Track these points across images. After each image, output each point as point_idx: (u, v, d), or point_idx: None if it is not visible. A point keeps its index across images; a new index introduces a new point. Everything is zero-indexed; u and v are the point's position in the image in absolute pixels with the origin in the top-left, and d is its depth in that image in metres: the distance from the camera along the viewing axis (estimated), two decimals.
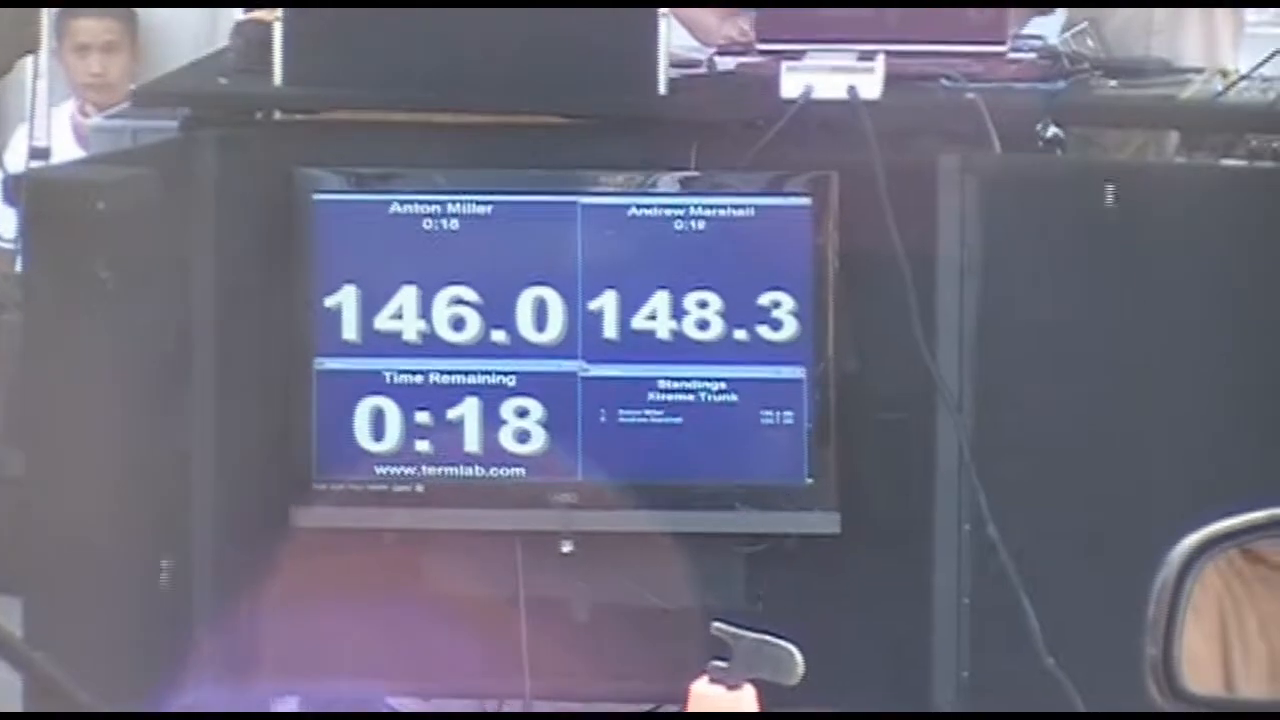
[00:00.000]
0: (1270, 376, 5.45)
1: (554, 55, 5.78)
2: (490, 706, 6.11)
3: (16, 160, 6.82)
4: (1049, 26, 6.64)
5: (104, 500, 5.45)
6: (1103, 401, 5.57)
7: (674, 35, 5.89)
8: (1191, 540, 2.68)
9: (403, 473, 5.69)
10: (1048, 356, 5.69)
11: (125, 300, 5.56)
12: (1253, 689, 3.29)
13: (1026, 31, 6.42)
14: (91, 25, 7.64)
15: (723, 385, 5.62)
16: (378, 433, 5.68)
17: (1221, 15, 6.68)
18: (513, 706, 6.02)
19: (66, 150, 7.01)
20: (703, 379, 5.64)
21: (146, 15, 7.59)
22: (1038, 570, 5.40)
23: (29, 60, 6.60)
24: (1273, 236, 5.53)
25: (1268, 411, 5.42)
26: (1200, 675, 2.85)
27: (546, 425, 5.68)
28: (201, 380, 5.85)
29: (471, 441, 5.63)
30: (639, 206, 5.69)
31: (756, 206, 5.72)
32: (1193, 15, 6.62)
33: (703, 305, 5.60)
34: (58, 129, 7.10)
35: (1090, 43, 6.38)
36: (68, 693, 2.54)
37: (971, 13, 6.06)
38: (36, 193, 5.77)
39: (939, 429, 5.67)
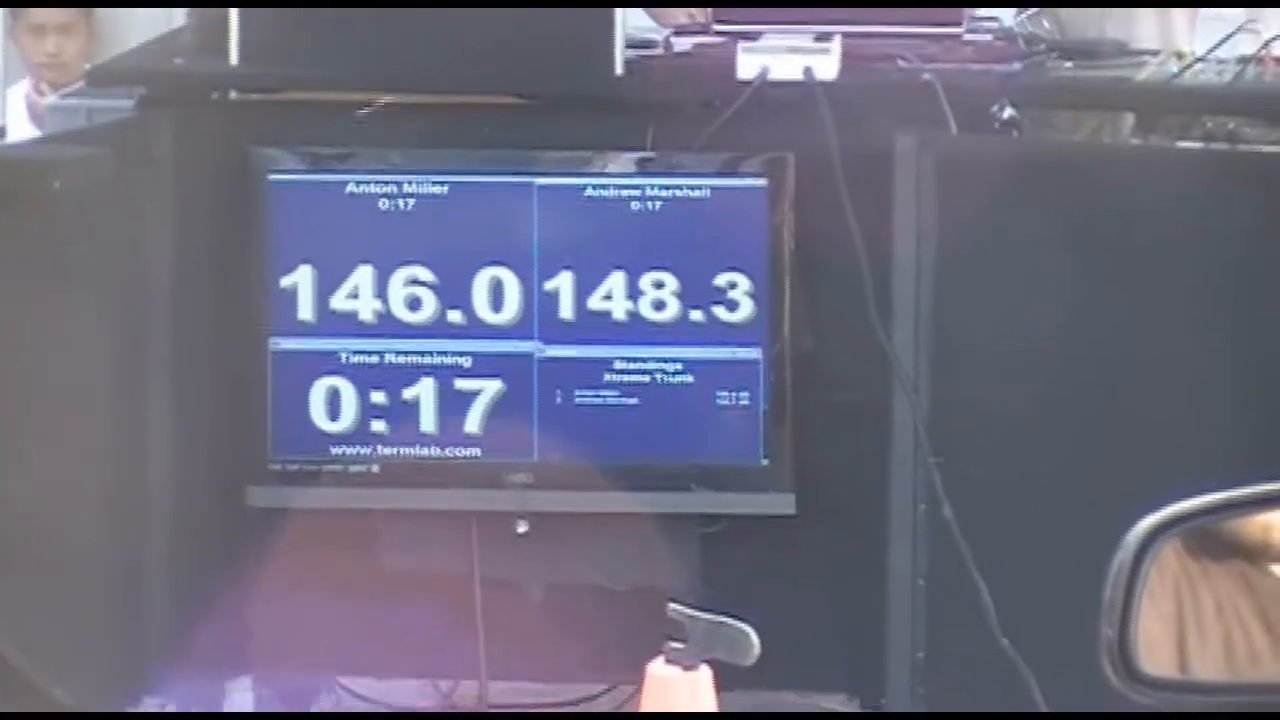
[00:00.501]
0: (1226, 358, 5.33)
1: (510, 35, 5.68)
2: (445, 686, 5.90)
3: None
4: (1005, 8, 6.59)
5: (59, 481, 5.30)
6: (1059, 382, 5.46)
7: (631, 16, 5.86)
8: (1148, 522, 2.55)
9: (358, 453, 5.57)
10: (1004, 337, 5.60)
11: (81, 280, 5.40)
12: (1207, 671, 3.25)
13: (983, 13, 6.22)
14: (47, 13, 7.62)
15: (679, 366, 5.55)
16: (333, 413, 5.57)
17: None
18: (469, 687, 5.84)
19: (21, 130, 6.91)
20: (659, 360, 5.56)
21: None
22: (993, 551, 5.29)
23: None
24: (1227, 218, 5.43)
25: (1222, 393, 5.29)
26: (1155, 657, 2.64)
27: (502, 405, 5.58)
28: (157, 360, 5.74)
29: (427, 422, 5.54)
30: (595, 187, 5.61)
31: (712, 188, 5.63)
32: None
33: (659, 286, 5.51)
34: (12, 108, 6.99)
35: (1046, 24, 6.39)
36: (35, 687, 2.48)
37: None
38: (7, 168, 5.71)
39: (895, 410, 5.56)
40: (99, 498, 5.67)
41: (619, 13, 5.71)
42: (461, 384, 5.56)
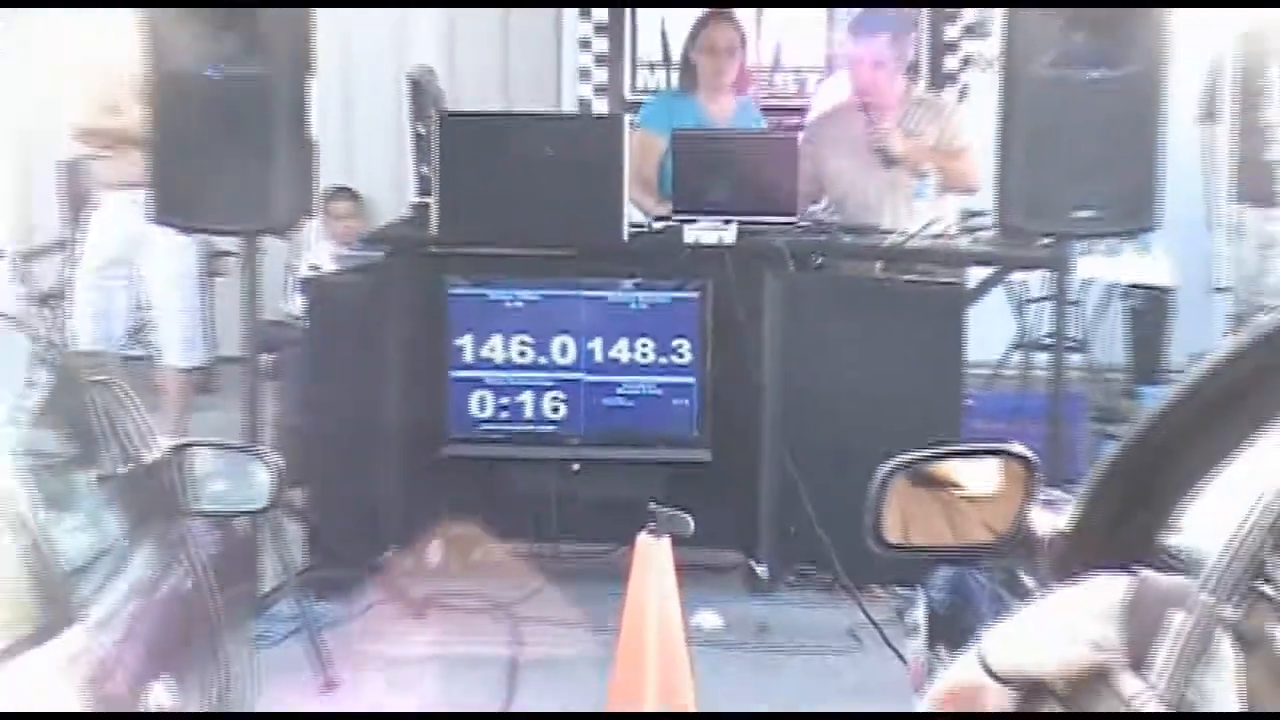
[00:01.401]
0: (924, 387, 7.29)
1: (569, 220, 7.60)
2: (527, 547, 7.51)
3: (304, 270, 8.45)
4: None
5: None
6: (843, 395, 7.39)
7: (632, 213, 7.81)
8: (889, 464, 3.51)
9: (492, 430, 7.64)
10: (819, 368, 7.54)
11: (374, 335, 7.59)
12: (920, 541, 3.57)
13: (814, 207, 8.23)
14: (341, 208, 9.78)
15: (654, 385, 7.60)
16: (480, 408, 7.61)
17: (903, 200, 8.17)
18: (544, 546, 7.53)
19: (328, 266, 8.80)
20: (644, 383, 7.61)
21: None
22: (815, 477, 7.28)
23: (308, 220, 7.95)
24: (919, 309, 7.58)
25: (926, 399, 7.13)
26: (896, 533, 3.51)
27: (565, 405, 7.60)
28: (395, 378, 7.67)
29: (529, 413, 7.62)
30: (611, 297, 7.61)
31: (671, 297, 7.60)
32: (886, 204, 8.18)
33: (644, 345, 7.59)
34: (323, 256, 8.97)
35: (837, 216, 8.21)
36: None
37: (781, 199, 7.75)
38: (316, 286, 8.03)
39: (763, 407, 7.59)
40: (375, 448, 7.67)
41: (626, 209, 7.52)
42: (545, 394, 7.61)
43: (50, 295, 8.81)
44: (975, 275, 8.34)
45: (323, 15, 7.85)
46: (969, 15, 10.80)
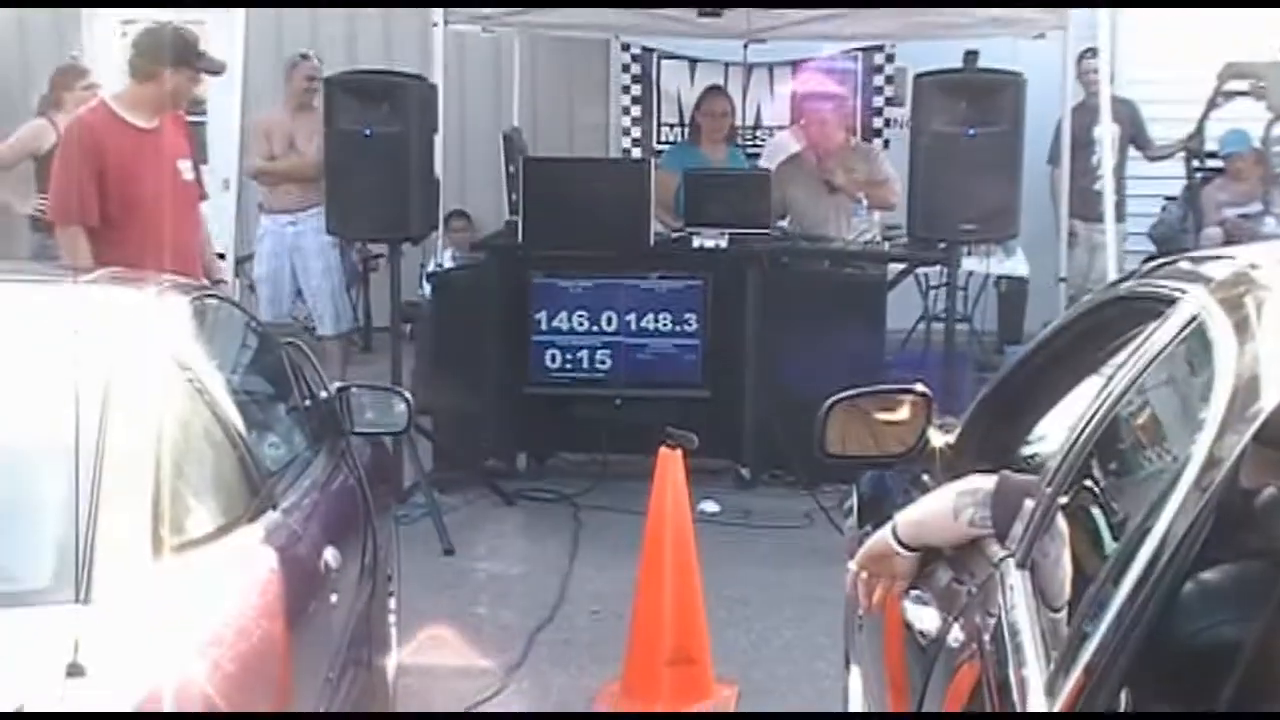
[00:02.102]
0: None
1: (613, 231, 7.58)
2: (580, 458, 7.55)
3: (431, 267, 8.31)
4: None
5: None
6: (806, 351, 7.15)
7: (656, 227, 7.75)
8: (831, 399, 3.52)
9: (561, 376, 7.69)
10: (785, 334, 7.42)
11: (480, 308, 7.58)
12: (854, 452, 3.54)
13: (781, 223, 8.18)
14: (457, 224, 9.76)
15: (671, 345, 7.66)
16: (553, 361, 7.67)
17: (844, 217, 8.14)
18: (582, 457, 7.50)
19: (448, 264, 8.70)
20: (664, 344, 7.66)
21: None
22: (785, 411, 7.09)
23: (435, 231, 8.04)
24: (853, 293, 7.63)
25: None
26: (837, 447, 3.50)
27: (611, 359, 7.66)
28: (495, 346, 7.68)
29: (585, 365, 7.67)
30: (643, 285, 7.67)
31: (684, 285, 7.65)
32: (831, 220, 8.12)
33: (665, 318, 7.67)
34: (444, 257, 8.85)
35: (797, 229, 8.19)
36: None
37: (759, 216, 7.72)
38: (440, 278, 8.00)
39: (747, 361, 7.58)
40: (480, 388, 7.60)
41: (652, 224, 7.54)
42: (597, 352, 7.68)
43: (252, 285, 8.77)
44: (893, 269, 8.30)
45: (445, 90, 7.98)
46: (889, 90, 10.73)
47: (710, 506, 7.14)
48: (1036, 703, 1.92)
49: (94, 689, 2.21)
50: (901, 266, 8.35)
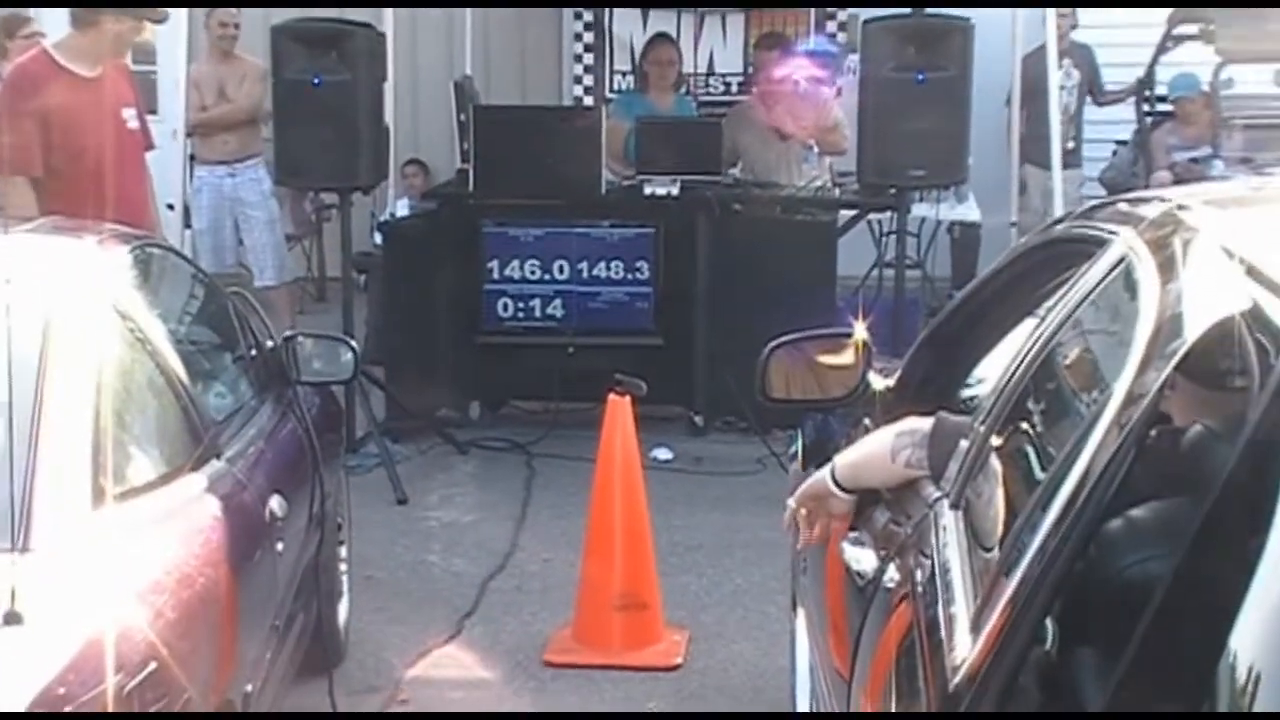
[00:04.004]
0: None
1: (565, 179, 7.52)
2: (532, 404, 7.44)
3: (383, 216, 8.40)
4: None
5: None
6: (758, 298, 7.11)
7: (607, 175, 7.73)
8: (772, 343, 3.55)
9: (513, 325, 7.65)
10: (736, 281, 7.45)
11: (432, 256, 7.52)
12: (798, 394, 3.58)
13: (732, 170, 8.21)
14: (410, 170, 9.71)
15: (623, 294, 7.65)
16: (503, 309, 7.63)
17: (795, 163, 8.23)
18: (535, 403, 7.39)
19: (400, 213, 8.67)
20: (616, 292, 7.66)
21: None
22: (733, 357, 6.80)
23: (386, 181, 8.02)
24: (804, 239, 7.59)
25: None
26: (779, 391, 3.55)
27: (564, 307, 7.63)
28: (447, 292, 7.61)
29: (538, 313, 7.65)
30: (594, 231, 7.63)
31: (636, 233, 7.62)
32: (782, 167, 8.20)
33: (616, 266, 7.64)
34: (397, 206, 8.84)
35: (749, 175, 8.25)
36: None
37: (710, 163, 7.74)
38: (392, 227, 8.04)
39: (699, 308, 7.57)
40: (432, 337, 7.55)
41: (604, 172, 7.49)
42: (549, 301, 7.64)
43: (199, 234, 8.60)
44: (844, 215, 8.26)
45: (394, 38, 7.98)
46: (840, 36, 10.70)
47: (662, 453, 7.18)
48: (962, 640, 1.94)
49: (31, 637, 2.23)
50: (853, 213, 8.34)
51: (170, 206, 7.01)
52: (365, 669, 4.87)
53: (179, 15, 6.84)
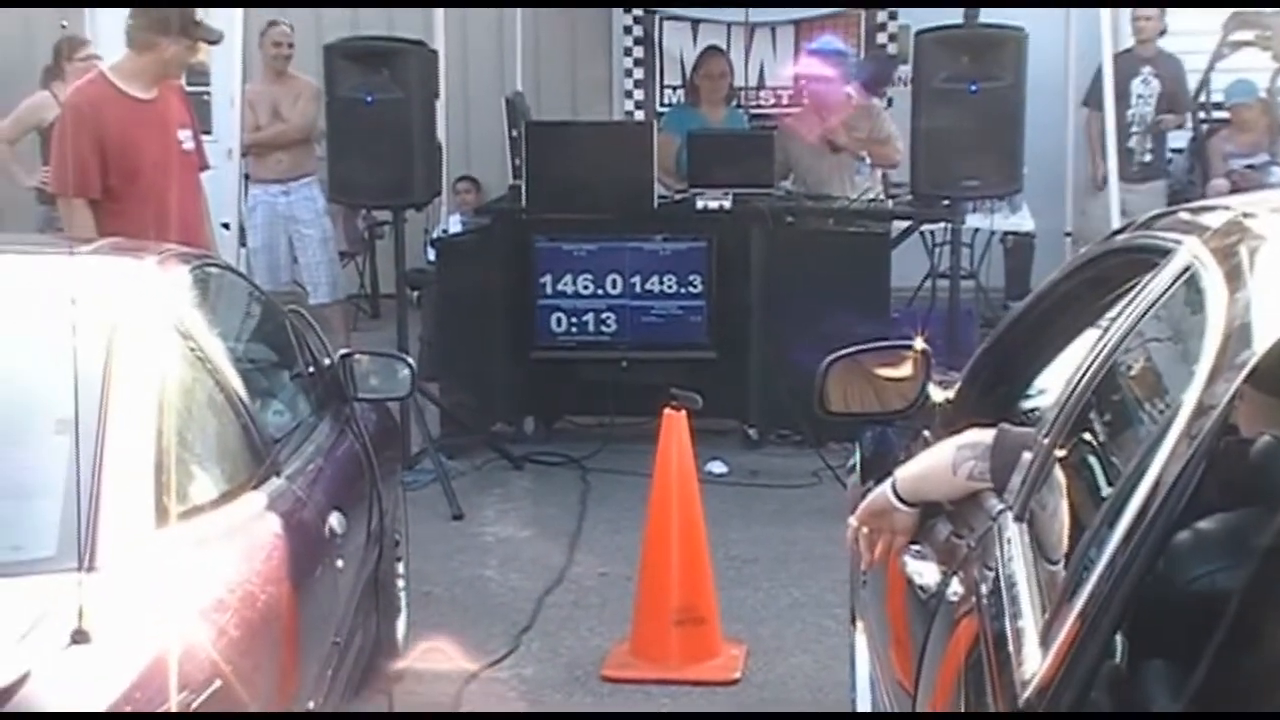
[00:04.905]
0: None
1: (616, 193, 7.51)
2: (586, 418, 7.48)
3: (436, 233, 8.52)
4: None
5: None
6: (812, 310, 6.96)
7: (659, 189, 7.74)
8: (830, 356, 3.53)
9: (566, 340, 7.65)
10: (790, 294, 7.38)
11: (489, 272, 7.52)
12: (857, 407, 3.54)
13: (784, 182, 8.14)
14: (462, 187, 9.72)
15: (676, 307, 7.60)
16: (558, 325, 7.63)
17: (848, 175, 8.15)
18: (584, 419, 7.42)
19: (453, 229, 8.73)
20: (670, 306, 7.61)
21: None
22: (790, 373, 6.66)
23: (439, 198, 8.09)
24: (849, 249, 7.53)
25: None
26: (838, 405, 3.51)
27: (617, 322, 7.62)
28: (498, 307, 7.59)
29: (591, 328, 7.64)
30: (647, 247, 7.60)
31: (688, 246, 7.59)
32: (835, 178, 8.08)
33: (669, 280, 7.61)
34: (450, 222, 8.95)
35: (801, 188, 8.22)
36: None
37: (763, 176, 7.69)
38: (445, 243, 8.09)
39: (753, 321, 7.55)
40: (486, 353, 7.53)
41: (655, 186, 7.51)
42: (602, 315, 7.62)
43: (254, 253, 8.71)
44: (897, 227, 8.23)
45: (445, 56, 8.01)
46: (891, 47, 10.66)
47: (717, 467, 7.15)
48: (1031, 653, 1.92)
49: (98, 656, 2.23)
50: (906, 224, 8.29)
51: (225, 226, 7.05)
52: (424, 685, 4.84)
53: (233, 35, 6.87)
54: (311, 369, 4.25)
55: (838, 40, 9.63)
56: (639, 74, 11.25)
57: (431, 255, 8.11)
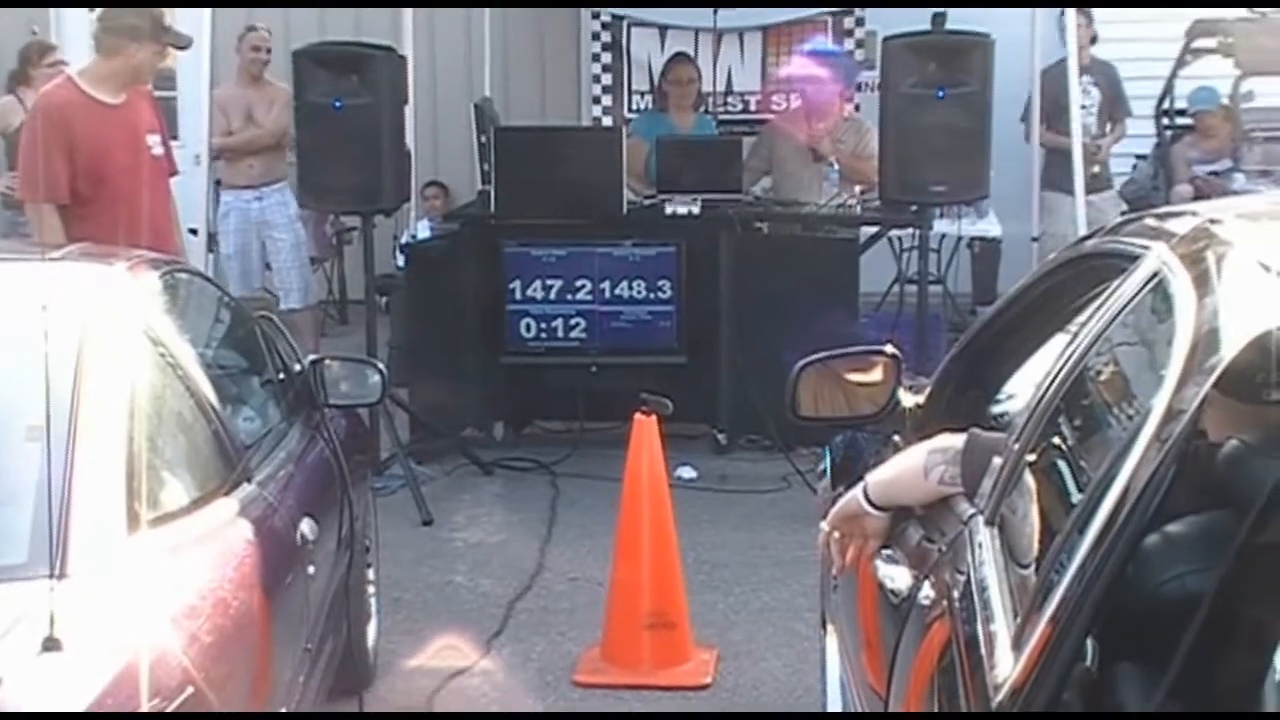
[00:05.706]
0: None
1: (585, 199, 7.52)
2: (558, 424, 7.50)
3: (405, 238, 8.55)
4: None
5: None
6: (781, 315, 7.04)
7: (628, 194, 7.71)
8: (801, 362, 3.50)
9: (535, 345, 7.62)
10: (759, 298, 7.40)
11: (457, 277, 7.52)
12: (827, 411, 3.52)
13: (754, 188, 8.20)
14: (431, 192, 9.70)
15: (646, 312, 7.59)
16: (526, 330, 7.59)
17: (819, 181, 8.16)
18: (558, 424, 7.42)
19: (422, 234, 8.82)
20: (639, 311, 7.60)
21: None
22: (759, 376, 6.98)
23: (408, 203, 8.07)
24: (824, 256, 7.60)
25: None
26: (809, 409, 3.48)
27: (585, 327, 7.59)
28: (467, 313, 7.59)
29: (560, 333, 7.61)
30: (616, 252, 7.59)
31: (657, 252, 7.58)
32: (807, 183, 8.13)
33: (639, 285, 7.59)
34: (418, 227, 8.98)
35: (772, 193, 8.29)
36: None
37: (731, 181, 7.68)
38: (414, 249, 8.10)
39: (722, 327, 7.57)
40: (455, 359, 7.51)
41: (624, 191, 7.48)
42: (571, 320, 7.58)
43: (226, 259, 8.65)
44: (866, 232, 8.25)
45: (414, 61, 7.96)
46: (859, 54, 10.68)
47: (687, 472, 7.14)
48: (1004, 657, 1.93)
49: (70, 663, 2.22)
50: (874, 230, 8.32)
51: (193, 231, 7.00)
52: (395, 691, 4.85)
53: (201, 40, 6.82)
54: (282, 375, 4.24)
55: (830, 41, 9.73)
56: (607, 80, 11.24)
57: (400, 261, 8.04)
